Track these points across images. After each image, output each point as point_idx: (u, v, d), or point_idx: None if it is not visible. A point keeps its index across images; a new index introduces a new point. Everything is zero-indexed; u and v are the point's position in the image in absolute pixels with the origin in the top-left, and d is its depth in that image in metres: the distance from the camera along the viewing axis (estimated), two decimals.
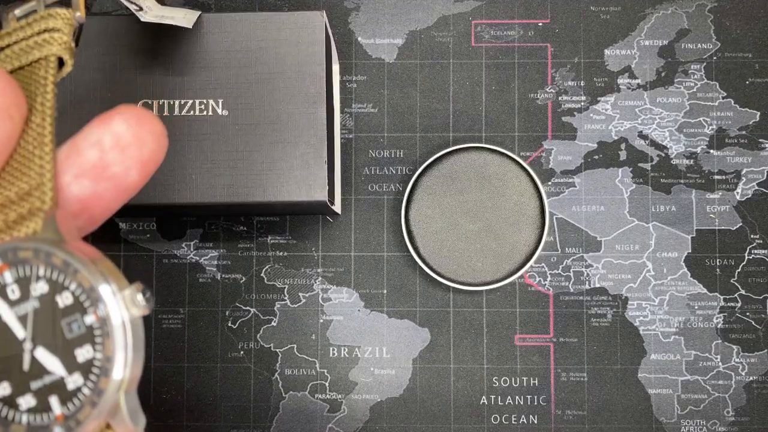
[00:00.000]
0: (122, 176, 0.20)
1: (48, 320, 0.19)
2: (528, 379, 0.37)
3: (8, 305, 0.19)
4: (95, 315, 0.19)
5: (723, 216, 0.38)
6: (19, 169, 0.20)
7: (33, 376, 0.19)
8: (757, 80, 0.38)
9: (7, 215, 0.19)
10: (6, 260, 0.19)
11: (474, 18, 0.39)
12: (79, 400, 0.19)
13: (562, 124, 0.38)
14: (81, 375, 0.19)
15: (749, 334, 0.37)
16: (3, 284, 0.19)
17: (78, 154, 0.20)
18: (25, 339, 0.19)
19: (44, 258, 0.19)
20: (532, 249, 0.36)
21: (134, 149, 0.20)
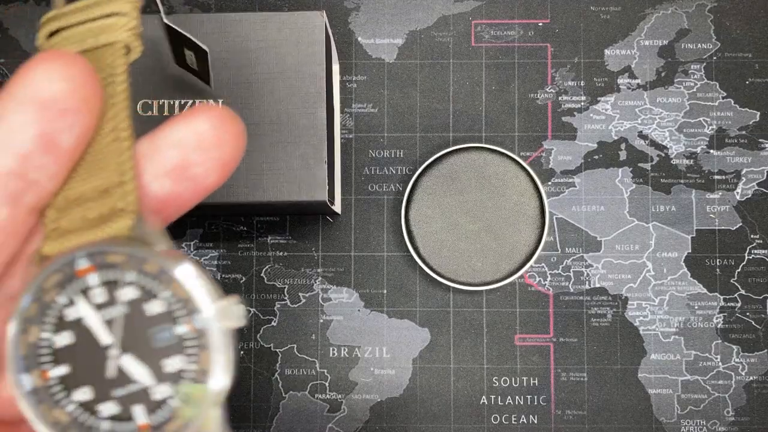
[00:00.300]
0: (202, 177, 0.19)
1: (135, 327, 0.18)
2: (528, 379, 0.37)
3: (93, 309, 0.18)
4: (189, 325, 0.18)
5: (723, 216, 0.38)
6: (95, 165, 0.19)
7: (117, 383, 0.18)
8: (757, 80, 0.38)
9: (86, 213, 0.19)
10: (94, 263, 0.18)
11: (474, 18, 0.39)
12: (166, 411, 0.18)
13: (562, 124, 0.38)
14: (170, 386, 0.18)
15: (749, 334, 0.37)
16: (88, 287, 0.18)
17: (158, 153, 0.19)
18: (112, 345, 0.18)
19: (137, 264, 0.18)
20: (532, 249, 0.36)
21: (216, 150, 0.19)
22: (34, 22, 0.39)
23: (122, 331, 0.18)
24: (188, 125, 0.19)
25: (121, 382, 0.18)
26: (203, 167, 0.19)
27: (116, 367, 0.18)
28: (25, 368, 0.18)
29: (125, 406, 0.18)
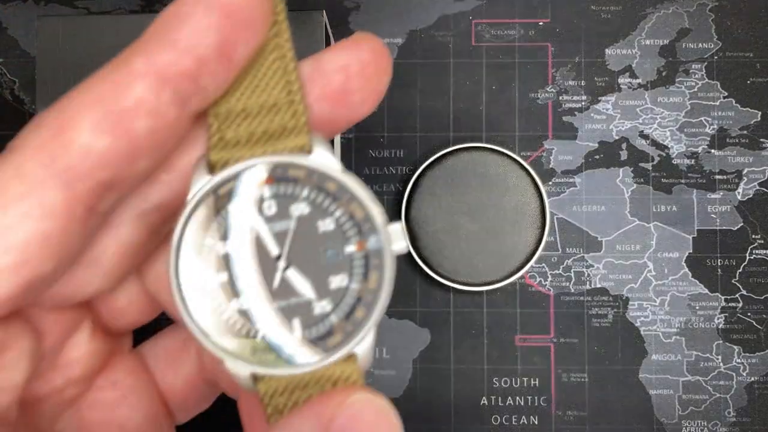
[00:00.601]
0: (359, 105, 0.20)
1: (305, 243, 0.18)
2: (528, 380, 0.37)
3: (263, 220, 0.18)
4: (359, 245, 0.18)
5: (724, 216, 0.38)
6: (260, 82, 0.19)
7: (279, 295, 0.18)
8: (758, 80, 0.38)
9: (251, 127, 0.19)
10: (273, 175, 0.18)
11: (474, 17, 0.38)
12: (324, 326, 0.18)
13: (563, 123, 0.38)
14: (330, 302, 0.18)
15: (750, 334, 0.37)
16: (262, 197, 0.19)
17: (322, 77, 0.19)
18: (279, 256, 0.18)
19: (316, 180, 0.18)
20: (532, 249, 0.36)
21: (375, 80, 0.20)
22: (33, 22, 0.38)
23: (291, 245, 0.18)
24: (353, 52, 0.19)
25: (284, 295, 0.18)
26: (361, 95, 0.19)
27: (281, 278, 0.18)
28: (186, 272, 0.18)
29: (285, 318, 0.18)
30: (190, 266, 0.18)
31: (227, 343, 0.18)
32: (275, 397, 0.18)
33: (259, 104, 0.19)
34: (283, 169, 0.18)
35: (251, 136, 0.19)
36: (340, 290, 0.18)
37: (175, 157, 0.19)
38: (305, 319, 0.18)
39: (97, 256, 0.19)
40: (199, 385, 0.24)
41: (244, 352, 0.18)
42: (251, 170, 0.18)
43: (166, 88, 0.17)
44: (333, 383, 0.18)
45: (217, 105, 0.19)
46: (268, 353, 0.18)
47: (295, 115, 0.19)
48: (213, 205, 0.18)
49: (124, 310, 0.22)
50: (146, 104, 0.17)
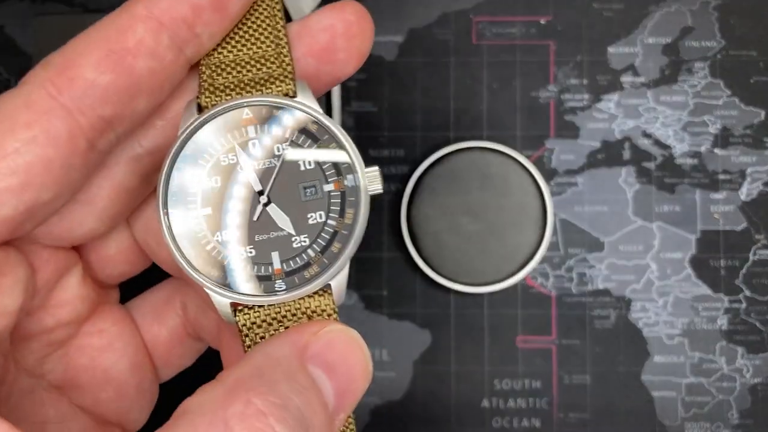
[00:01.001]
0: (342, 64, 0.21)
1: (286, 181, 0.20)
2: (530, 382, 0.37)
3: (249, 157, 0.19)
4: (336, 185, 0.20)
5: (727, 216, 0.37)
6: (250, 35, 0.20)
7: (259, 229, 0.19)
8: (761, 79, 0.38)
9: (240, 75, 0.20)
10: (257, 116, 0.20)
11: (475, 15, 0.38)
12: (301, 259, 0.20)
13: (565, 123, 0.38)
14: (308, 237, 0.20)
15: (754, 335, 0.37)
16: (247, 138, 0.20)
17: (309, 35, 0.21)
18: (262, 192, 0.19)
19: (298, 121, 0.20)
20: (534, 250, 0.36)
21: (358, 41, 0.21)
22: (30, 20, 0.38)
23: (273, 182, 0.19)
24: (338, 14, 0.21)
25: (264, 228, 0.19)
26: (346, 53, 0.21)
27: (261, 212, 0.19)
28: (173, 205, 0.19)
29: (263, 251, 0.19)
30: (178, 201, 0.19)
31: (210, 272, 0.19)
32: (253, 329, 0.19)
33: (249, 56, 0.20)
34: (268, 110, 0.20)
35: (240, 83, 0.20)
36: (317, 225, 0.20)
37: (169, 104, 0.21)
38: (284, 252, 0.19)
39: (91, 197, 0.20)
40: (182, 338, 0.25)
41: (225, 282, 0.19)
42: (237, 110, 0.19)
43: (164, 32, 0.19)
44: (308, 317, 0.19)
45: (209, 56, 0.20)
46: (249, 283, 0.19)
47: (282, 65, 0.20)
48: (199, 141, 0.19)
49: (113, 259, 0.23)
50: (146, 46, 0.18)
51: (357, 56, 0.21)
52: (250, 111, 0.20)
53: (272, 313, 0.19)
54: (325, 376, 0.18)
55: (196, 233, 0.19)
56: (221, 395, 0.16)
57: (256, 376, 0.17)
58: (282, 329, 0.19)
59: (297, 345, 0.18)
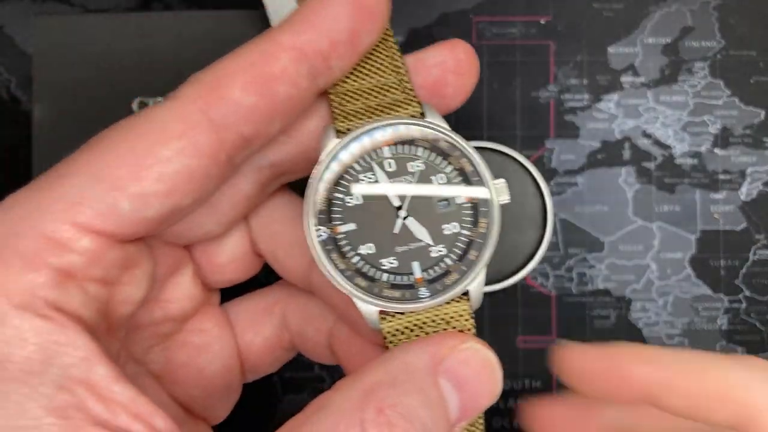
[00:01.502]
0: (451, 98, 0.23)
1: (421, 195, 0.21)
2: (530, 382, 0.37)
3: (386, 176, 0.21)
4: (467, 197, 0.21)
5: (727, 216, 0.37)
6: (371, 66, 0.22)
7: (399, 241, 0.21)
8: (761, 79, 0.38)
9: (367, 102, 0.22)
10: (392, 137, 0.22)
11: (475, 15, 0.38)
12: (440, 267, 0.21)
13: (565, 122, 0.38)
14: (445, 247, 0.21)
15: (754, 335, 0.37)
16: (383, 157, 0.21)
17: (423, 69, 0.23)
18: (401, 207, 0.21)
19: (430, 139, 0.22)
20: (534, 250, 0.36)
21: (466, 77, 0.23)
22: (29, 20, 0.38)
23: (409, 198, 0.21)
24: (450, 51, 0.23)
25: (403, 240, 0.21)
26: (454, 88, 0.23)
27: (402, 226, 0.21)
28: (320, 222, 0.21)
29: (404, 261, 0.21)
30: (324, 218, 0.21)
31: (358, 283, 0.21)
32: (397, 335, 0.21)
33: (373, 85, 0.22)
34: (403, 131, 0.21)
35: (368, 109, 0.22)
36: (453, 236, 0.21)
37: (294, 125, 0.22)
38: (424, 262, 0.21)
39: (214, 201, 0.22)
40: (275, 348, 0.26)
41: (372, 291, 0.21)
42: (376, 131, 0.21)
43: (305, 62, 0.20)
44: (447, 322, 0.21)
45: (337, 86, 0.22)
46: (392, 291, 0.21)
47: (405, 91, 0.22)
48: (342, 163, 0.21)
49: (223, 266, 0.25)
50: (288, 74, 0.20)
51: (464, 91, 0.23)
52: (386, 132, 0.21)
53: (414, 320, 0.21)
54: (454, 390, 0.19)
55: (341, 247, 0.21)
56: (357, 397, 0.18)
57: (391, 386, 0.18)
58: (422, 335, 0.21)
59: (434, 357, 0.19)
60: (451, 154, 0.21)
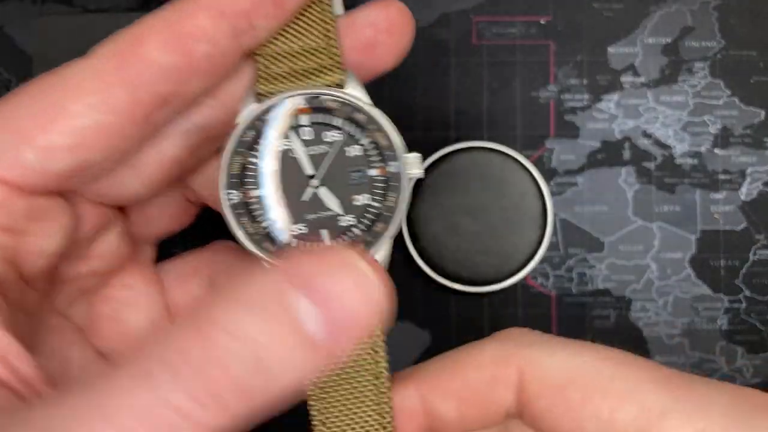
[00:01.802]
0: (383, 57, 0.23)
1: (334, 165, 0.21)
2: None
3: (302, 144, 0.21)
4: (381, 169, 0.22)
5: (727, 216, 0.37)
6: (302, 28, 0.22)
7: (309, 208, 0.22)
8: (762, 79, 0.38)
9: (293, 65, 0.22)
10: (310, 105, 0.21)
11: (475, 15, 0.38)
12: (348, 237, 0.22)
13: (565, 122, 0.38)
14: (354, 217, 0.22)
15: (754, 335, 0.37)
16: (300, 125, 0.21)
17: (354, 29, 0.22)
18: (313, 176, 0.21)
19: (348, 111, 0.22)
20: (534, 250, 0.36)
21: (399, 37, 0.23)
22: (29, 20, 0.38)
23: (322, 167, 0.21)
24: (382, 10, 0.22)
25: (313, 208, 0.21)
26: (386, 48, 0.23)
27: (312, 194, 0.21)
28: (233, 185, 0.21)
29: (314, 229, 0.21)
30: (237, 182, 0.21)
31: (267, 247, 0.21)
32: None
33: (301, 47, 0.22)
34: (319, 100, 0.21)
35: (293, 72, 0.22)
36: (363, 207, 0.22)
37: (221, 87, 0.22)
38: (332, 230, 0.22)
39: (139, 163, 0.22)
40: None
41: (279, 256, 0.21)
42: (292, 99, 0.21)
43: (224, 21, 0.20)
44: None
45: (263, 47, 0.22)
46: None
47: (331, 56, 0.22)
48: (258, 128, 0.21)
49: (155, 219, 0.25)
50: (206, 32, 0.20)
51: (396, 52, 0.23)
52: (304, 100, 0.21)
53: None
54: (313, 305, 0.16)
55: (253, 212, 0.21)
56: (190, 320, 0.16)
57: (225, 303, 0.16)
58: None
59: (288, 272, 0.16)
60: (367, 127, 0.22)
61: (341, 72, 0.22)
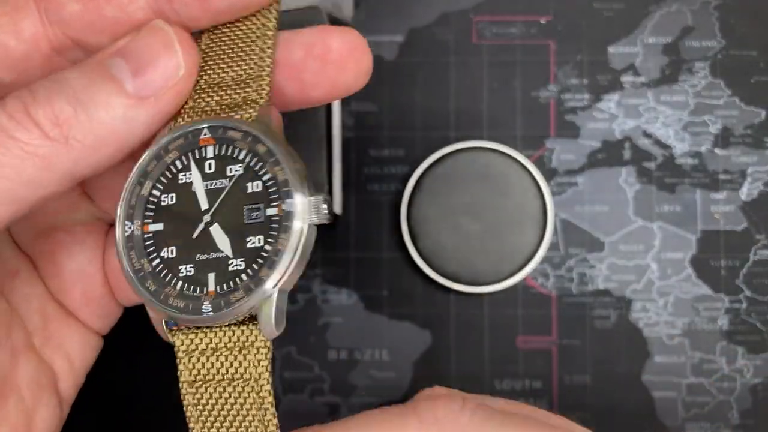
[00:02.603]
0: (308, 86, 0.21)
1: (232, 202, 0.19)
2: (530, 382, 0.37)
3: (201, 177, 0.20)
4: (279, 208, 0.19)
5: (728, 216, 0.37)
6: (239, 55, 0.20)
7: (200, 248, 0.19)
8: (762, 78, 0.38)
9: (221, 97, 0.20)
10: (214, 135, 0.20)
11: (475, 14, 0.38)
12: (235, 283, 0.19)
13: (565, 122, 0.38)
14: (244, 261, 0.19)
15: (754, 335, 0.37)
16: (204, 156, 0.20)
17: (287, 48, 0.21)
18: (207, 211, 0.19)
19: (250, 143, 0.19)
20: (534, 250, 0.36)
21: (333, 70, 0.20)
22: None
23: (220, 202, 0.19)
24: (324, 35, 0.20)
25: (204, 248, 0.19)
26: (313, 77, 0.20)
27: (203, 231, 0.19)
28: (130, 216, 0.20)
29: (202, 271, 0.19)
30: (134, 214, 0.20)
31: (150, 287, 0.19)
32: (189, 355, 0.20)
33: (234, 78, 0.20)
34: (224, 130, 0.19)
35: (219, 107, 0.20)
36: (255, 250, 0.19)
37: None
38: (219, 274, 0.19)
39: None
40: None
41: (159, 297, 0.19)
42: (197, 129, 0.20)
43: None
44: (239, 350, 0.20)
45: (199, 78, 0.20)
46: (179, 301, 0.19)
47: (258, 89, 0.20)
48: (162, 158, 0.20)
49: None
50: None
51: (326, 85, 0.20)
52: (209, 132, 0.20)
53: (207, 340, 0.20)
54: (121, 60, 0.19)
55: (147, 247, 0.20)
56: None
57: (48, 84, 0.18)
58: (216, 360, 0.19)
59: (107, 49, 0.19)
60: (267, 161, 0.19)
61: (257, 106, 0.20)
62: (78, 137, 0.18)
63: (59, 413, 0.23)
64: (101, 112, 0.18)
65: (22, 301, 0.23)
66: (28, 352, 0.23)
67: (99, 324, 0.25)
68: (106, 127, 0.18)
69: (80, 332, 0.25)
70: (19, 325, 0.23)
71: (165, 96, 0.19)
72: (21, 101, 0.18)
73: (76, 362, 0.24)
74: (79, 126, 0.18)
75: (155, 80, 0.18)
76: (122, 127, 0.18)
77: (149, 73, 0.18)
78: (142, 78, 0.18)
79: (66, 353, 0.24)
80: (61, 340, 0.24)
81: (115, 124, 0.18)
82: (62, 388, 0.24)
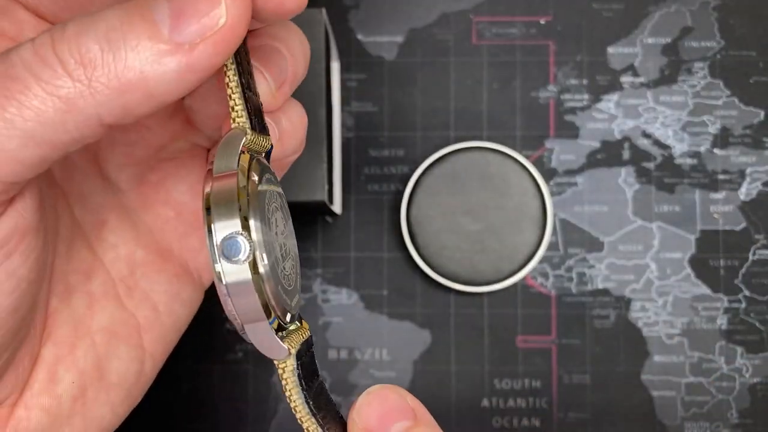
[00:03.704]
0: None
1: None
2: (530, 381, 0.37)
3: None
4: None
5: (727, 216, 0.37)
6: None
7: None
8: (761, 79, 0.38)
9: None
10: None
11: (475, 15, 0.38)
12: None
13: (565, 122, 0.38)
14: None
15: (753, 335, 0.37)
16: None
17: None
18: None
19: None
20: (534, 250, 0.36)
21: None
22: None
23: None
24: None
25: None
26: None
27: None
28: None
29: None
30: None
31: None
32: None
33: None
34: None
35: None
36: None
37: None
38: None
39: None
40: None
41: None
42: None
43: None
44: None
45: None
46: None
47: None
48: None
49: None
50: None
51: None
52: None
53: None
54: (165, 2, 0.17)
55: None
56: None
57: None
58: None
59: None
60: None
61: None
62: (102, 80, 0.16)
63: (139, 367, 0.22)
64: (130, 54, 0.16)
65: (109, 249, 0.22)
66: (105, 300, 0.22)
67: (194, 263, 0.24)
68: (133, 71, 0.16)
69: (170, 281, 0.23)
70: (102, 273, 0.22)
71: (200, 46, 0.17)
72: (50, 36, 0.16)
73: (164, 315, 0.23)
74: (104, 67, 0.16)
75: (191, 25, 0.17)
76: (150, 73, 0.16)
77: (188, 17, 0.17)
78: (181, 22, 0.17)
79: (153, 304, 0.23)
80: (149, 289, 0.23)
81: (143, 69, 0.16)
82: (147, 341, 0.22)
